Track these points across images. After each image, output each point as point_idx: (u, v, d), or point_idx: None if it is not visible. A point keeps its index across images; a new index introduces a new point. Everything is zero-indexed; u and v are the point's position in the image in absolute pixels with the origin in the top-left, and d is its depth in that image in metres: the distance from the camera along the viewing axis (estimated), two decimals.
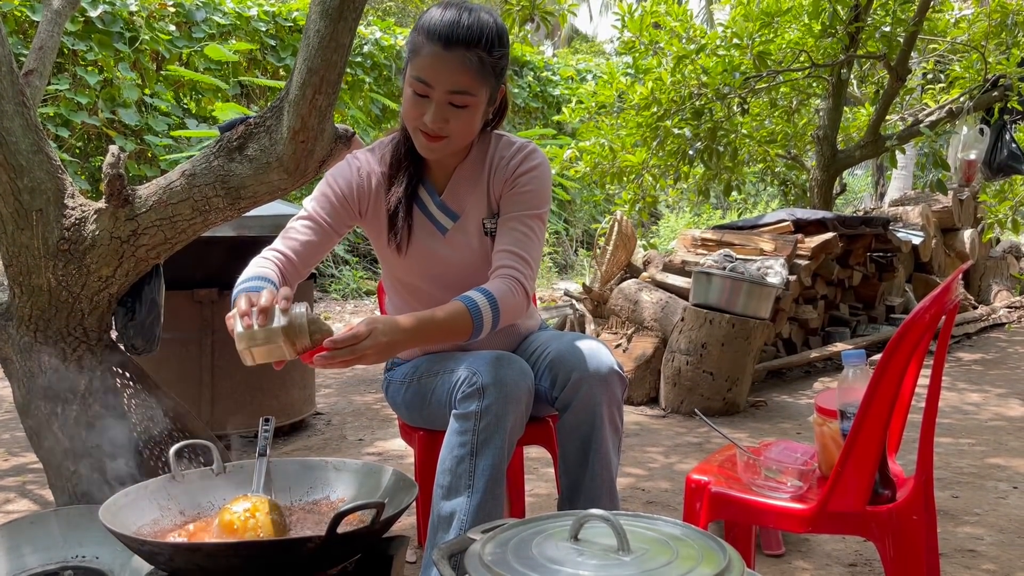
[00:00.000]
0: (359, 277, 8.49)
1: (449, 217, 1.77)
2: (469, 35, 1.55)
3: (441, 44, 1.54)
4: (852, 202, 11.78)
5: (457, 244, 1.77)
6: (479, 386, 1.57)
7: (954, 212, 6.28)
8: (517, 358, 1.66)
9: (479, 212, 1.76)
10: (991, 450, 3.13)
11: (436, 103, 1.58)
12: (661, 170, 5.57)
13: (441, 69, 1.55)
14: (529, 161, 1.74)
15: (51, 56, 2.85)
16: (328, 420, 3.80)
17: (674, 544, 1.02)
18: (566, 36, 23.17)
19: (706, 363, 3.74)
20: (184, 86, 7.43)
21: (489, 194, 1.76)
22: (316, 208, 1.72)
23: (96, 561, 1.63)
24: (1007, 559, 2.15)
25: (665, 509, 2.55)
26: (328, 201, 1.72)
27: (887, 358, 1.44)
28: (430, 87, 1.57)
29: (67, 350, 2.06)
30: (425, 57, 1.56)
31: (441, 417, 1.73)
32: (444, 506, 1.60)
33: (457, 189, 1.76)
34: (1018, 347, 5.27)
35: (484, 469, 1.58)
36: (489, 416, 1.57)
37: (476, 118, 1.63)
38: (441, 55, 1.55)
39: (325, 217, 1.72)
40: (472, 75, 1.57)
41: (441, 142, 1.64)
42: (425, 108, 1.59)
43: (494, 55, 1.59)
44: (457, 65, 1.55)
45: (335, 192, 1.73)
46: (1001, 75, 5.30)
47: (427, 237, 1.77)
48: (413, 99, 1.60)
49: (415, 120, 1.62)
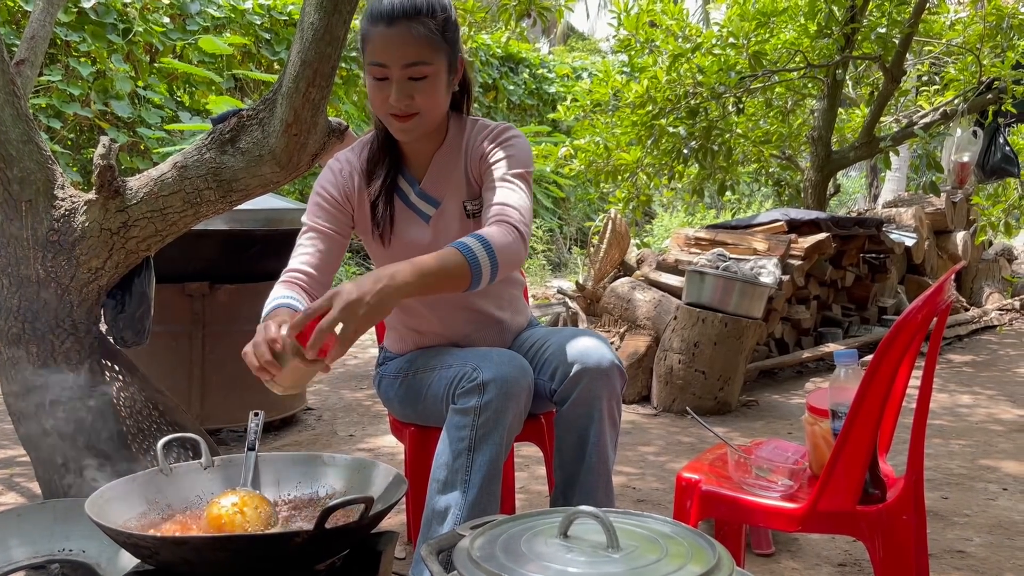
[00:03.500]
0: (352, 273, 8.48)
1: (430, 204, 1.78)
2: (407, 7, 1.59)
3: (385, 23, 1.58)
4: (846, 203, 11.81)
5: (440, 230, 1.77)
6: (480, 381, 1.57)
7: (947, 214, 6.30)
8: (518, 355, 1.67)
9: (459, 195, 1.78)
10: (981, 452, 3.14)
11: (396, 81, 1.61)
12: (656, 169, 5.57)
13: (390, 46, 1.59)
14: (505, 133, 1.75)
15: (43, 46, 2.83)
16: (319, 415, 3.79)
17: (664, 542, 1.01)
18: (562, 33, 23.17)
19: (698, 362, 3.75)
20: (178, 79, 7.40)
21: (468, 175, 1.77)
22: (314, 219, 1.74)
23: (83, 555, 1.62)
24: (996, 560, 2.15)
25: (656, 507, 2.55)
26: (322, 209, 1.75)
27: (879, 359, 1.44)
28: (385, 67, 1.60)
29: (55, 342, 2.05)
30: (374, 40, 1.60)
31: (435, 413, 1.72)
32: (439, 500, 1.60)
33: (436, 176, 1.78)
34: (1009, 349, 5.29)
35: (481, 465, 1.58)
36: (489, 412, 1.57)
37: (439, 88, 1.65)
38: (387, 33, 1.58)
39: (325, 225, 1.74)
40: (421, 44, 1.59)
41: (412, 120, 1.65)
42: (387, 90, 1.62)
43: (437, 20, 1.61)
44: (405, 38, 1.58)
45: (326, 198, 1.75)
46: (995, 78, 5.31)
47: (410, 226, 1.78)
48: (375, 86, 1.63)
49: (382, 105, 1.64)
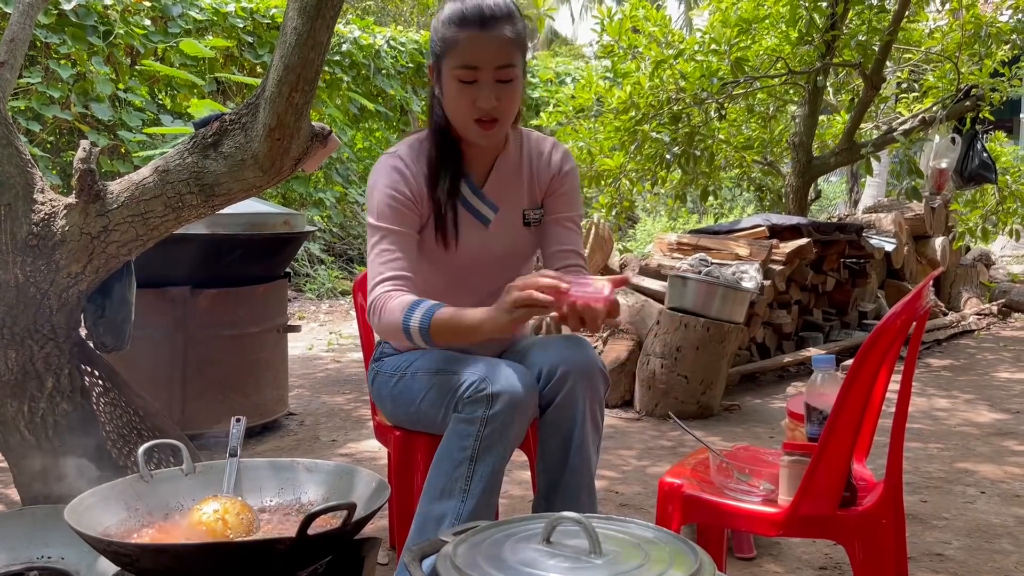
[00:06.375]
0: (335, 277, 8.44)
1: (491, 208, 1.81)
2: (500, 10, 1.64)
3: (478, 26, 1.62)
4: (827, 208, 11.89)
5: (500, 234, 1.81)
6: (488, 393, 1.57)
7: (926, 220, 6.36)
8: (527, 371, 1.66)
9: (520, 203, 1.83)
10: (959, 455, 3.17)
11: (486, 84, 1.64)
12: (639, 174, 5.59)
13: (484, 49, 1.62)
14: (568, 162, 1.87)
15: (23, 48, 2.80)
16: (301, 420, 3.77)
17: (646, 547, 1.02)
18: (546, 38, 23.23)
19: (680, 366, 3.76)
20: (159, 82, 7.35)
21: (532, 186, 1.83)
22: (391, 222, 1.71)
23: (62, 562, 1.60)
24: (974, 563, 2.18)
25: (638, 512, 2.56)
26: (395, 210, 1.72)
27: (859, 363, 1.45)
28: (477, 69, 1.63)
29: (34, 347, 2.03)
30: (465, 43, 1.63)
31: (428, 418, 1.71)
32: (435, 507, 1.59)
33: (498, 181, 1.81)
34: (987, 354, 5.35)
35: (482, 476, 1.58)
36: (495, 424, 1.57)
37: (519, 92, 1.70)
38: (480, 36, 1.62)
39: (401, 226, 1.72)
40: (512, 46, 1.65)
41: (496, 125, 1.68)
42: (475, 93, 1.64)
43: (519, 24, 1.67)
44: (498, 42, 1.63)
45: (397, 199, 1.72)
46: (973, 85, 5.37)
47: (471, 229, 1.80)
48: (460, 89, 1.65)
49: (467, 109, 1.66)
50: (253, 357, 3.33)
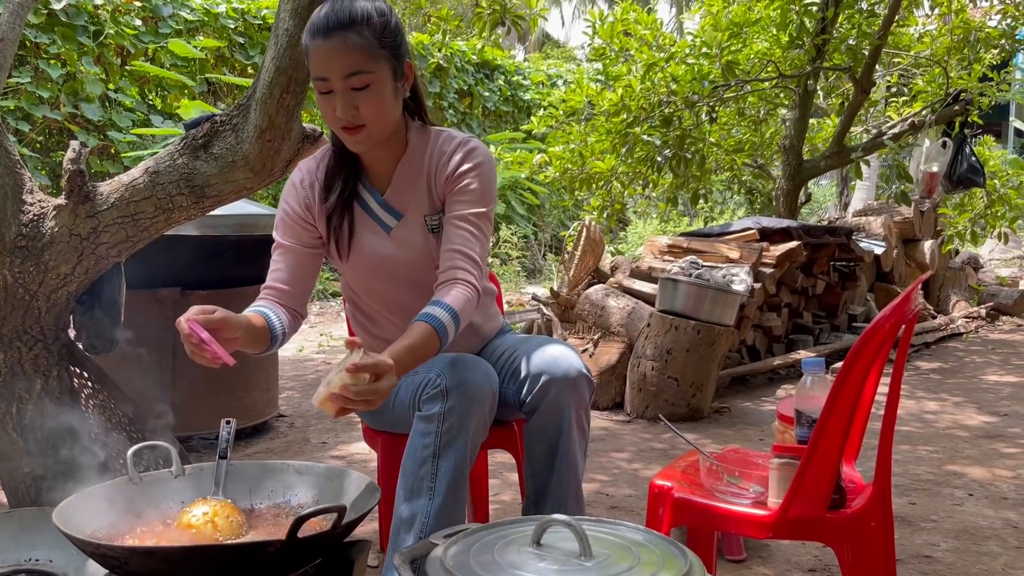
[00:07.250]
0: (325, 278, 8.43)
1: (392, 216, 1.77)
2: (341, 18, 1.58)
3: (321, 36, 1.58)
4: (817, 211, 11.93)
5: (402, 242, 1.77)
6: (442, 388, 1.58)
7: (915, 223, 6.39)
8: (481, 360, 1.67)
9: (421, 209, 1.77)
10: (948, 458, 3.19)
11: (339, 93, 1.60)
12: (630, 177, 5.60)
13: (328, 58, 1.59)
14: (471, 159, 1.74)
15: (12, 48, 2.79)
16: (291, 422, 3.76)
17: (636, 549, 1.02)
18: (537, 40, 23.24)
19: (671, 369, 3.77)
20: (150, 82, 7.32)
21: (431, 190, 1.77)
22: (280, 235, 1.78)
23: (50, 564, 1.59)
24: (962, 565, 2.19)
25: (629, 514, 2.56)
26: (286, 224, 1.78)
27: (848, 366, 1.46)
28: (327, 80, 1.60)
29: (23, 349, 2.02)
30: (313, 54, 1.60)
31: (404, 420, 1.72)
32: (405, 508, 1.60)
33: (399, 187, 1.77)
34: (975, 356, 5.38)
35: (446, 472, 1.59)
36: (452, 418, 1.58)
37: (385, 97, 1.63)
38: (323, 45, 1.58)
39: (290, 240, 1.77)
40: (358, 53, 1.58)
41: (362, 132, 1.64)
42: (334, 102, 1.61)
43: (374, 27, 1.60)
44: (341, 49, 1.58)
45: (288, 213, 1.78)
46: (963, 90, 5.41)
47: (372, 237, 1.78)
48: (322, 100, 1.63)
49: (331, 119, 1.64)
50: (243, 359, 3.31)
